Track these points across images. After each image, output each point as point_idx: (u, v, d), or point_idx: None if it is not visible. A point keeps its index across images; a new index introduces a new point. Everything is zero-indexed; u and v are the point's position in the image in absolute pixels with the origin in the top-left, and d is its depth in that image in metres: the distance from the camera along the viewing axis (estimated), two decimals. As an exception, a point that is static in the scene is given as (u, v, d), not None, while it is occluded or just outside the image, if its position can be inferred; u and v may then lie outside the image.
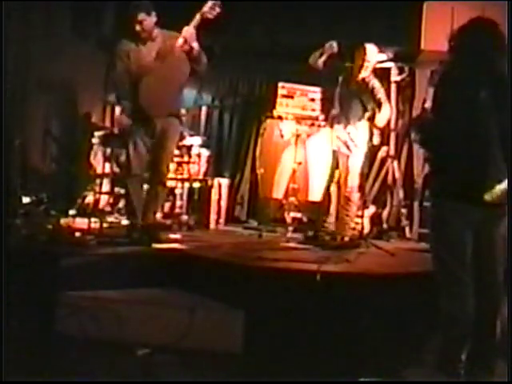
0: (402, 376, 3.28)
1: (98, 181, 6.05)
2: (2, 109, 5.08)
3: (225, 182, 6.50)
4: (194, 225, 5.92)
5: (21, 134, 5.65)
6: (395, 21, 6.47)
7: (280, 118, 6.17)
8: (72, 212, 5.68)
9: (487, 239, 2.89)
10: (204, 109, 6.78)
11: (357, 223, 5.25)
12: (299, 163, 5.67)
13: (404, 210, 5.96)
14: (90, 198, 6.01)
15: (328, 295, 3.67)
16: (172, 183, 5.85)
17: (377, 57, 5.31)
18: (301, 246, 5.07)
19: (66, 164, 6.49)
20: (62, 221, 4.99)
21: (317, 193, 5.95)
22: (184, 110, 5.63)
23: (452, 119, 2.83)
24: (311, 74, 5.62)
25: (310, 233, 5.43)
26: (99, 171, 6.09)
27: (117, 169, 5.85)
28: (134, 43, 4.66)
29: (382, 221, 6.00)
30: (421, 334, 3.50)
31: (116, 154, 5.73)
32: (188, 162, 5.97)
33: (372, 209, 5.78)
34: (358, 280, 3.87)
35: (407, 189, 6.13)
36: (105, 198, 6.11)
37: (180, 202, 6.10)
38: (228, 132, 7.52)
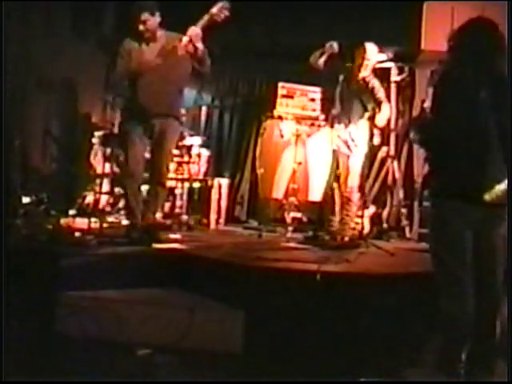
0: (402, 376, 3.27)
1: (97, 181, 6.05)
2: (2, 109, 5.08)
3: (225, 181, 6.50)
4: (194, 225, 5.92)
5: (21, 134, 5.66)
6: (395, 21, 6.46)
7: (280, 117, 6.18)
8: (72, 212, 5.70)
9: (487, 239, 2.89)
10: (204, 109, 6.77)
11: (357, 223, 5.24)
12: (299, 163, 5.68)
13: (404, 210, 5.97)
14: (90, 198, 6.02)
15: (328, 295, 3.67)
16: (172, 183, 5.85)
17: (377, 56, 5.32)
18: (301, 246, 5.07)
19: (66, 164, 6.49)
20: (62, 221, 5.00)
21: (317, 193, 5.96)
22: (184, 110, 5.64)
23: (452, 119, 2.83)
24: (311, 73, 5.62)
25: (310, 233, 5.44)
26: (99, 171, 6.09)
27: (117, 169, 5.85)
28: (136, 43, 4.66)
29: (382, 221, 6.01)
30: (421, 334, 3.49)
31: (116, 154, 5.73)
32: (188, 162, 5.98)
33: (372, 209, 5.77)
34: (357, 280, 3.87)
35: (407, 189, 6.13)
36: (105, 198, 6.11)
37: (180, 202, 6.10)
38: (228, 132, 7.53)
